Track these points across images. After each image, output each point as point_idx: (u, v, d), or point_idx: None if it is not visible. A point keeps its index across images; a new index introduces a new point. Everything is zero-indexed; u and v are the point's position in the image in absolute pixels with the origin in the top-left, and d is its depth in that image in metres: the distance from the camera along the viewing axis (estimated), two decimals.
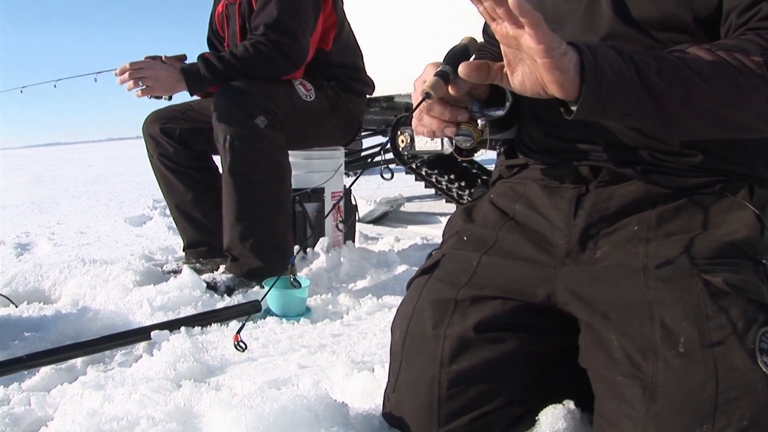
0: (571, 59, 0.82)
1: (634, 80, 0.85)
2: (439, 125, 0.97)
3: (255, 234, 2.36)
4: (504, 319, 1.05)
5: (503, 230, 1.14)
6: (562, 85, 0.83)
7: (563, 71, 0.82)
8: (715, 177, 1.03)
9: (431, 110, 0.97)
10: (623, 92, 0.85)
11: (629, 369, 0.92)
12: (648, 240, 1.00)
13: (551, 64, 0.81)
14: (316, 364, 1.65)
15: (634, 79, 0.85)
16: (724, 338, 0.86)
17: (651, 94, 0.86)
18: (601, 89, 0.83)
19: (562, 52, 0.81)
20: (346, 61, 2.76)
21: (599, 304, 0.98)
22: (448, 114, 0.97)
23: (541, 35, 0.79)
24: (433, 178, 4.31)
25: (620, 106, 0.87)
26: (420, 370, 1.06)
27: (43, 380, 1.65)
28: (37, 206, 6.30)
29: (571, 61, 0.82)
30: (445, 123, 0.97)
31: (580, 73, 0.83)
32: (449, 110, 0.97)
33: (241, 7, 2.63)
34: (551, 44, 0.80)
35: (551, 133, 1.15)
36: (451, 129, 0.98)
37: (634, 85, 0.85)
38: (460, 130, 1.01)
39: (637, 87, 0.85)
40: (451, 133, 1.00)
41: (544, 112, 1.15)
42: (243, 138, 2.33)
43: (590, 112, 0.86)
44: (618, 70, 0.84)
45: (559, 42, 0.81)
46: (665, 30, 1.01)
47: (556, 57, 0.81)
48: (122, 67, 2.39)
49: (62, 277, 2.51)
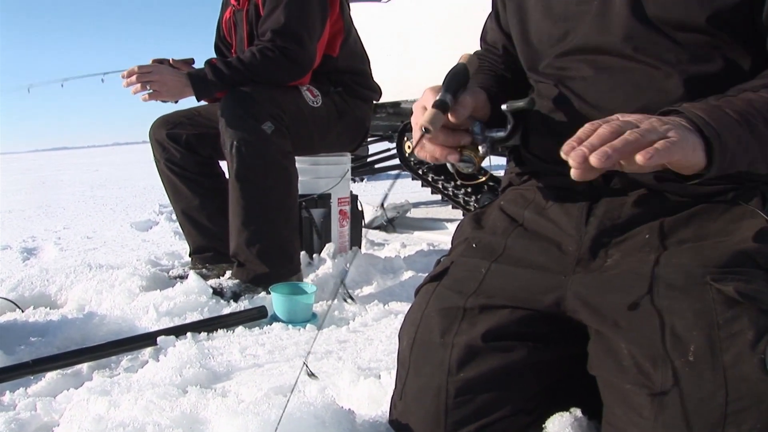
0: (700, 150, 0.84)
1: (751, 142, 0.88)
2: (442, 152, 0.97)
3: (261, 240, 2.36)
4: (512, 327, 1.04)
5: (512, 237, 1.13)
6: (691, 170, 0.86)
7: (697, 164, 0.85)
8: (727, 185, 1.02)
9: (433, 138, 0.97)
10: (742, 155, 0.88)
11: (638, 377, 0.92)
12: (659, 248, 0.99)
13: (685, 164, 0.84)
14: (322, 371, 1.65)
15: (751, 141, 0.88)
16: (735, 347, 0.86)
17: (762, 147, 0.90)
18: (725, 161, 0.86)
19: (692, 150, 0.83)
20: (353, 66, 2.76)
21: (609, 311, 0.97)
22: (450, 140, 0.97)
23: (677, 156, 0.81)
24: (439, 184, 4.30)
25: (737, 166, 0.89)
26: (427, 378, 1.06)
27: (49, 385, 1.65)
28: (43, 211, 6.31)
29: (701, 153, 0.84)
30: (447, 150, 0.97)
31: (705, 151, 0.85)
32: (451, 137, 0.96)
33: (249, 14, 2.64)
34: (686, 153, 0.82)
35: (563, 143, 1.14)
36: (453, 156, 0.98)
37: (751, 146, 0.88)
38: (462, 156, 1.01)
39: (753, 146, 0.88)
40: (454, 159, 1.00)
41: (557, 125, 1.14)
42: (250, 144, 2.33)
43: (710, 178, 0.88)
44: (738, 137, 0.87)
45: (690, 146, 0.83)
46: (683, 30, 1.00)
47: (689, 157, 0.83)
48: (130, 70, 2.39)
49: (68, 282, 2.51)
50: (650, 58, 1.02)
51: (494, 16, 1.35)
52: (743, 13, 0.98)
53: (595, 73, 1.07)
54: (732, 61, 1.00)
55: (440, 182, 4.29)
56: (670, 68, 1.01)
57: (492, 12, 1.36)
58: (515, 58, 1.29)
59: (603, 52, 1.06)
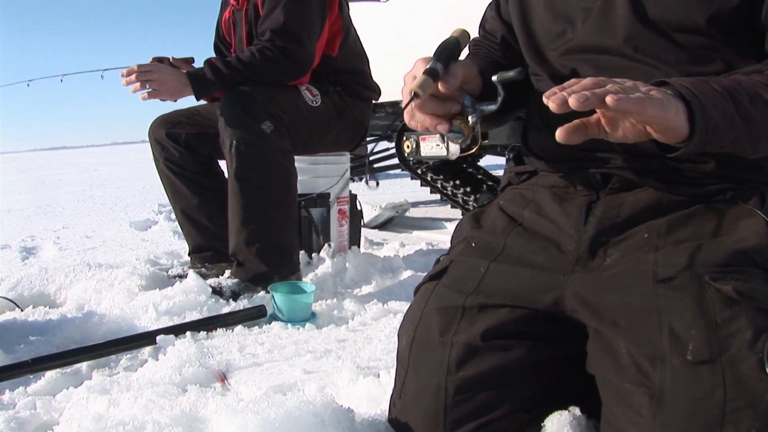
0: (682, 114, 0.83)
1: (735, 116, 0.87)
2: (432, 122, 0.96)
3: (261, 239, 2.36)
4: (511, 326, 1.05)
5: (511, 236, 1.14)
6: (672, 137, 0.85)
7: (678, 128, 0.83)
8: (726, 184, 1.02)
9: (423, 107, 0.96)
10: (726, 130, 0.87)
11: (637, 376, 0.92)
12: (658, 247, 1.00)
13: (666, 126, 0.83)
14: (321, 370, 1.65)
15: (735, 116, 0.87)
16: (733, 347, 0.86)
17: (747, 125, 0.88)
18: (708, 133, 0.85)
19: (675, 112, 0.82)
20: (352, 66, 2.76)
21: (608, 311, 0.97)
22: (440, 109, 0.96)
23: (653, 111, 0.80)
24: (438, 184, 4.30)
25: (721, 141, 0.88)
26: (426, 377, 1.06)
27: (49, 384, 1.65)
28: (42, 210, 6.31)
29: (682, 117, 0.83)
30: (437, 120, 0.96)
31: (688, 120, 0.84)
32: (441, 106, 0.96)
33: (248, 13, 2.64)
34: (665, 111, 0.81)
35: None
36: (443, 126, 0.97)
37: (735, 121, 0.87)
38: (452, 126, 1.00)
39: (737, 122, 0.87)
40: (444, 130, 0.99)
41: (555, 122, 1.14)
42: (249, 143, 2.33)
43: (693, 151, 0.87)
44: (721, 109, 0.86)
45: (668, 103, 0.82)
46: (683, 32, 1.00)
47: (671, 119, 0.82)
48: (129, 69, 2.39)
49: (67, 281, 2.52)
50: (650, 59, 1.03)
51: (495, 5, 1.35)
52: (743, 14, 0.98)
53: (596, 72, 1.08)
54: (731, 62, 1.00)
55: (439, 182, 4.29)
56: (670, 69, 1.01)
57: (493, 1, 1.36)
58: (513, 49, 1.29)
59: (604, 52, 1.07)
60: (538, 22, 1.19)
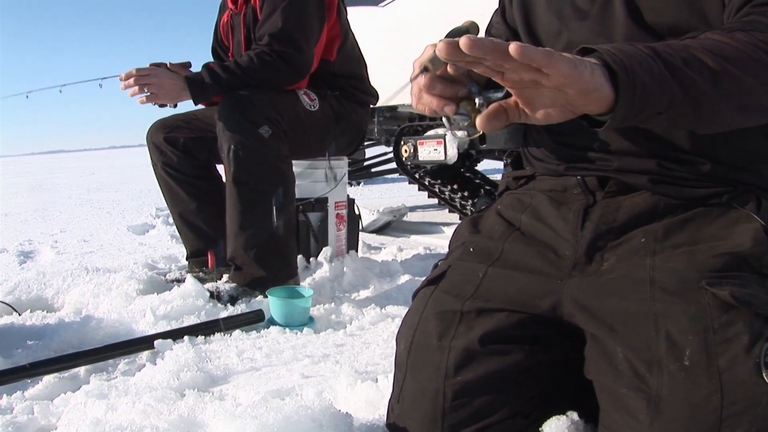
0: (600, 73, 0.78)
1: (664, 75, 0.82)
2: (439, 103, 0.96)
3: (258, 243, 2.36)
4: (509, 331, 1.05)
5: (509, 241, 1.14)
6: (597, 102, 0.79)
7: (598, 89, 0.78)
8: (722, 187, 1.03)
9: (430, 88, 0.96)
10: (656, 89, 0.82)
11: (634, 381, 0.92)
12: (655, 252, 1.00)
13: (584, 88, 0.77)
14: (319, 374, 1.65)
15: (664, 73, 0.82)
16: (730, 352, 0.86)
17: (682, 86, 0.83)
18: (636, 92, 0.80)
19: (590, 71, 0.77)
20: (350, 71, 2.76)
21: (605, 316, 0.98)
22: (448, 91, 0.96)
23: (564, 67, 0.74)
24: (435, 188, 4.31)
25: (654, 104, 0.83)
26: (424, 381, 1.06)
27: (46, 389, 1.65)
28: (39, 214, 6.31)
29: (601, 76, 0.78)
30: (444, 101, 0.97)
31: (611, 82, 0.79)
32: (449, 87, 0.96)
33: (246, 17, 2.64)
34: (577, 69, 0.75)
35: (560, 140, 1.15)
36: (450, 107, 0.97)
37: (665, 79, 0.82)
38: (459, 109, 1.00)
39: (668, 81, 0.82)
40: (451, 111, 0.99)
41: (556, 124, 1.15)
42: (247, 147, 2.33)
43: (624, 118, 0.82)
44: (648, 68, 0.81)
45: (581, 63, 0.76)
46: (677, 34, 1.01)
47: (587, 79, 0.76)
48: (128, 72, 2.40)
49: (65, 286, 2.51)
50: None
51: (500, 11, 1.35)
52: None
53: None
54: None
55: (437, 186, 4.29)
56: None
57: (498, 7, 1.37)
58: None
59: None
60: (540, 24, 1.20)
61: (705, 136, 1.02)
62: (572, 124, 0.91)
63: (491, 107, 0.85)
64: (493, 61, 0.74)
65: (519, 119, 0.85)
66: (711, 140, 1.02)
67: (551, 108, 0.82)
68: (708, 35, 0.90)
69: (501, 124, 0.85)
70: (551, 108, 0.82)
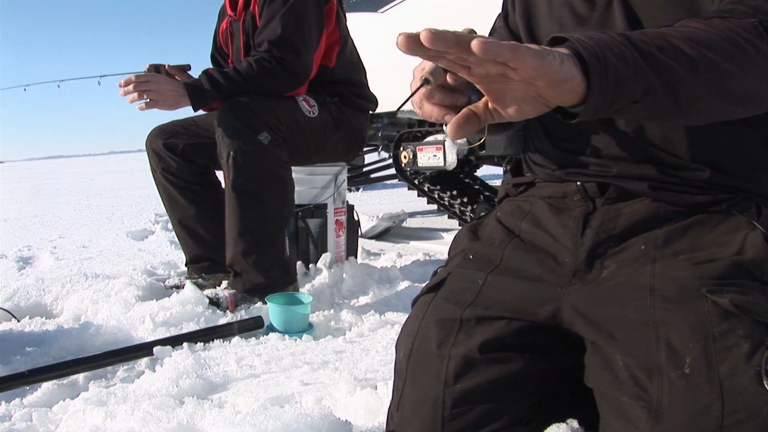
0: (570, 63, 0.76)
1: (638, 61, 0.80)
2: (440, 112, 0.96)
3: (258, 250, 2.36)
4: (509, 339, 1.05)
5: (509, 248, 1.14)
6: (569, 93, 0.77)
7: (569, 80, 0.75)
8: (722, 194, 1.03)
9: (431, 97, 0.96)
10: (630, 76, 0.79)
11: (634, 389, 0.92)
12: (655, 259, 1.00)
13: (554, 80, 0.74)
14: (318, 381, 1.65)
15: (638, 60, 0.80)
16: (730, 360, 0.86)
17: (657, 72, 0.81)
18: (608, 80, 0.77)
19: (560, 62, 0.74)
20: (349, 77, 2.77)
21: (605, 323, 0.97)
22: (448, 100, 0.96)
23: (531, 60, 0.71)
24: (435, 194, 4.31)
25: (629, 92, 0.80)
26: (424, 389, 1.06)
27: (45, 396, 1.65)
28: (39, 219, 6.31)
29: (571, 66, 0.75)
30: (444, 110, 0.96)
31: (582, 71, 0.76)
32: (449, 96, 0.96)
33: (245, 24, 2.65)
34: (545, 61, 0.72)
35: (559, 146, 1.15)
36: (450, 116, 0.96)
37: (638, 66, 0.80)
38: None
39: (642, 68, 0.80)
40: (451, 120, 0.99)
41: (552, 126, 1.15)
42: (246, 154, 2.33)
43: (599, 107, 0.79)
44: (620, 54, 0.79)
45: (550, 54, 0.73)
46: None
47: (557, 70, 0.74)
48: (127, 79, 2.39)
49: (64, 292, 2.52)
50: None
51: (503, 15, 1.36)
52: None
53: None
54: None
55: (436, 192, 4.30)
56: None
57: (501, 12, 1.37)
58: None
59: None
60: (542, 30, 1.20)
61: (704, 142, 1.02)
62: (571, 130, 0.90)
63: (460, 113, 0.83)
64: (456, 54, 0.72)
65: (492, 120, 0.83)
66: (710, 146, 1.02)
67: (523, 103, 0.80)
68: (684, 23, 0.89)
69: (473, 128, 0.83)
70: (523, 103, 0.80)
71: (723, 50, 0.85)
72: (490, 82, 0.79)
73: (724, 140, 1.01)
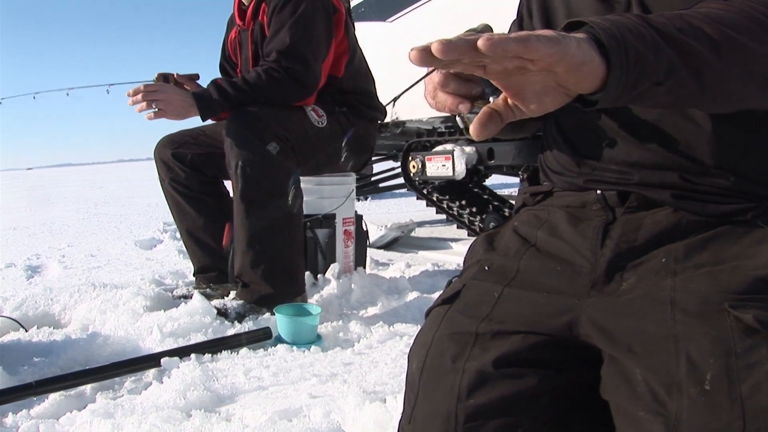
0: (587, 45, 0.73)
1: (658, 41, 0.78)
2: (454, 101, 0.94)
3: (266, 260, 2.35)
4: (524, 354, 1.03)
5: (525, 258, 1.12)
6: (590, 77, 0.75)
7: (588, 62, 0.73)
8: (746, 203, 1.00)
9: (444, 86, 0.94)
10: (651, 56, 0.77)
11: (652, 404, 0.90)
12: (676, 272, 0.98)
13: (572, 63, 0.72)
14: (327, 394, 1.63)
15: (657, 40, 0.78)
16: (753, 377, 0.84)
17: (678, 52, 0.79)
18: (628, 59, 0.75)
19: (576, 44, 0.72)
20: (358, 87, 2.76)
21: (624, 337, 0.95)
22: (463, 89, 0.94)
23: (545, 48, 0.69)
24: (444, 204, 4.30)
25: (651, 72, 0.78)
26: (437, 403, 1.04)
27: (52, 407, 1.64)
28: (47, 228, 6.33)
29: (589, 48, 0.73)
30: (459, 99, 0.95)
31: (600, 52, 0.74)
32: (463, 86, 0.94)
33: (254, 34, 2.65)
34: (560, 45, 0.70)
35: (580, 152, 1.13)
36: (465, 105, 0.94)
37: (659, 45, 0.78)
38: (474, 107, 0.99)
39: (662, 47, 0.78)
40: (466, 109, 0.97)
41: (571, 132, 1.13)
42: (255, 164, 2.32)
43: (621, 90, 0.77)
44: (639, 34, 0.77)
45: (565, 38, 0.71)
46: None
47: (574, 53, 0.72)
48: (136, 89, 2.39)
49: (72, 302, 2.51)
50: None
51: (518, 21, 1.34)
52: None
53: None
54: None
55: (445, 202, 4.28)
56: None
57: (516, 18, 1.35)
58: None
59: None
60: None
61: (727, 148, 0.99)
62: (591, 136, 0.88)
63: (481, 112, 0.82)
64: (471, 59, 0.71)
65: (514, 117, 0.82)
66: (734, 152, 1.00)
67: (543, 95, 0.78)
68: (703, 4, 0.87)
69: (496, 127, 0.81)
70: (543, 95, 0.78)
71: (745, 29, 0.83)
72: (508, 76, 0.77)
73: (748, 146, 0.99)
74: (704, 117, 1.00)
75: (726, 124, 1.00)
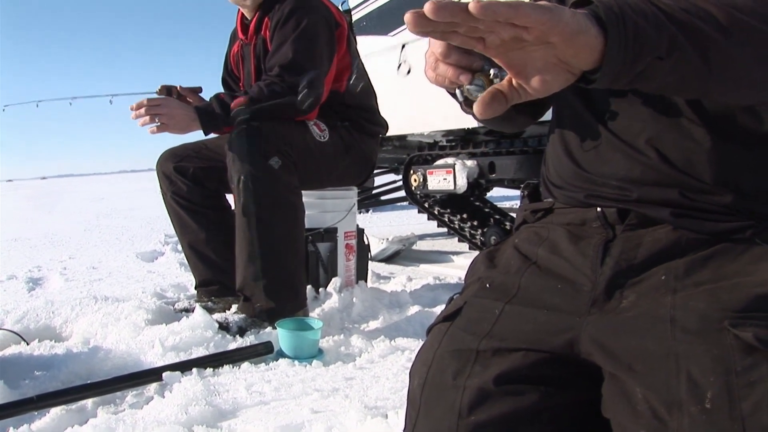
0: (583, 16, 0.74)
1: (660, 18, 0.78)
2: (455, 72, 0.94)
3: (268, 274, 2.35)
4: (525, 371, 1.03)
5: (526, 276, 1.12)
6: (587, 49, 0.75)
7: (583, 31, 0.73)
8: (745, 221, 1.01)
9: (447, 57, 0.95)
10: (652, 30, 0.77)
11: (653, 423, 0.90)
12: (676, 290, 0.98)
13: (567, 32, 0.72)
14: (328, 409, 1.63)
15: (660, 17, 0.78)
16: (753, 396, 0.84)
17: (682, 29, 0.79)
18: (627, 31, 0.75)
19: (571, 14, 0.73)
20: (360, 101, 2.77)
21: (624, 355, 0.95)
22: (464, 61, 0.95)
23: (536, 14, 0.69)
24: (445, 218, 4.30)
25: (651, 46, 0.77)
26: (438, 420, 1.04)
27: (53, 422, 1.64)
28: (49, 239, 6.33)
29: (584, 18, 0.74)
30: (460, 70, 0.95)
31: (598, 24, 0.75)
32: (465, 57, 0.95)
33: (257, 48, 2.66)
34: (553, 13, 0.70)
35: (581, 167, 1.14)
36: (466, 76, 0.95)
37: (660, 21, 0.78)
38: (474, 79, 0.99)
39: (664, 23, 0.78)
40: (466, 80, 0.97)
41: (573, 146, 1.14)
42: (257, 179, 2.33)
43: (620, 64, 0.77)
44: (639, 10, 0.77)
45: (557, 7, 0.72)
46: None
47: (569, 21, 0.72)
48: (139, 102, 2.40)
49: (74, 315, 2.51)
50: None
51: None
52: None
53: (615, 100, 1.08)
54: None
55: (446, 215, 4.29)
56: None
57: None
58: None
59: None
60: None
61: (727, 164, 1.00)
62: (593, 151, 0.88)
63: (485, 92, 0.82)
64: (464, 23, 0.71)
65: (519, 98, 0.81)
66: (733, 168, 1.00)
67: (545, 72, 0.78)
68: None
69: (501, 107, 0.81)
70: (545, 72, 0.78)
71: (755, 11, 0.83)
72: (507, 50, 0.77)
73: (748, 163, 0.99)
74: (704, 134, 1.01)
75: (725, 142, 1.00)
